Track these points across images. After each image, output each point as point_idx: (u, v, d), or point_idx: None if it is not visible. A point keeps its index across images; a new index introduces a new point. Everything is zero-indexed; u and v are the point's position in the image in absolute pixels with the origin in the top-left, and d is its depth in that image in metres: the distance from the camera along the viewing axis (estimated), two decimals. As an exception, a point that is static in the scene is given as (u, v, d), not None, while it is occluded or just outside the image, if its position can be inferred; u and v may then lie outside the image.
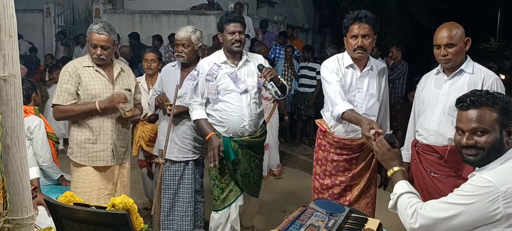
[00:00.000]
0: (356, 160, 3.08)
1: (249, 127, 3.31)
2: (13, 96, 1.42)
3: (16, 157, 1.44)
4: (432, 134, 2.78)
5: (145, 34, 10.45)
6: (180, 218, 3.62)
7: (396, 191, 2.03)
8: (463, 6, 13.04)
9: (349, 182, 3.10)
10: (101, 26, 3.14)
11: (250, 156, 3.41)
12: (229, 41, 3.24)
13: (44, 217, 2.77)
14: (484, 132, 1.89)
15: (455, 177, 2.67)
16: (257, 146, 3.48)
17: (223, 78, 3.27)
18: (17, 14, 1.43)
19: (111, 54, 3.24)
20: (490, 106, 1.89)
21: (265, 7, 12.44)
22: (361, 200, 3.09)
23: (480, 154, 1.92)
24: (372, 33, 2.97)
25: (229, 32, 3.23)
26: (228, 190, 3.39)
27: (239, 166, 3.37)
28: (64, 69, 3.19)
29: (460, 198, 1.79)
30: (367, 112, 3.03)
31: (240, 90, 3.26)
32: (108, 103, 3.09)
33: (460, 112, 1.96)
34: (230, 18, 3.26)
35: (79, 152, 3.20)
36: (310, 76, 7.90)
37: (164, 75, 3.69)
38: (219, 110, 3.30)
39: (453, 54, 2.71)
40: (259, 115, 3.42)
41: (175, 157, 3.55)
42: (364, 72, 3.06)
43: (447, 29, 2.73)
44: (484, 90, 1.99)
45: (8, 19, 1.38)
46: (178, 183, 3.60)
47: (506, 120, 1.88)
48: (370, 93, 3.06)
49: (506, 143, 1.88)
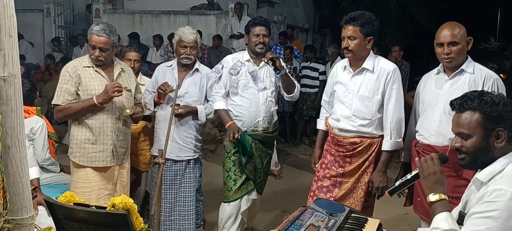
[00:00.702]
0: (350, 159, 3.06)
1: (263, 123, 3.54)
2: (13, 96, 1.42)
3: (16, 157, 1.44)
4: (432, 134, 2.77)
5: (145, 34, 10.44)
6: (182, 218, 3.62)
7: (439, 225, 1.85)
8: (463, 6, 13.04)
9: (339, 178, 3.09)
10: (101, 28, 3.13)
11: (262, 151, 3.62)
12: (253, 42, 3.50)
13: (44, 217, 2.77)
14: (468, 136, 1.89)
15: (455, 177, 2.67)
16: (269, 142, 3.69)
17: (244, 75, 3.52)
18: (17, 14, 1.43)
19: (111, 55, 3.23)
20: (475, 110, 1.88)
21: (265, 7, 12.43)
22: (346, 199, 3.05)
23: (466, 158, 1.92)
24: (361, 34, 2.92)
25: (254, 34, 3.50)
26: (241, 182, 3.54)
27: (252, 159, 3.58)
28: (64, 70, 3.19)
29: (490, 221, 1.72)
30: (355, 114, 3.00)
31: (258, 88, 3.51)
32: (104, 96, 3.08)
33: (453, 115, 1.98)
34: (256, 22, 3.55)
35: (78, 152, 3.20)
36: (312, 77, 7.89)
37: (159, 75, 3.65)
38: (237, 105, 3.53)
39: (456, 53, 2.71)
40: (273, 112, 3.65)
41: (176, 156, 3.55)
42: (356, 73, 3.02)
43: (450, 27, 2.73)
44: (474, 93, 1.95)
45: (8, 19, 1.38)
46: (179, 182, 3.60)
47: (491, 124, 1.86)
48: (360, 95, 2.99)
49: (494, 146, 1.86)
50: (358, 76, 3.02)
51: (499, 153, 1.87)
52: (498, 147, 1.86)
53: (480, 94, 1.92)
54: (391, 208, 4.32)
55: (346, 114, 3.03)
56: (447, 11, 11.73)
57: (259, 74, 3.53)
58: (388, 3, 10.97)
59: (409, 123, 3.09)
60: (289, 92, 3.58)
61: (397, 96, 2.98)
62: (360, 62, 3.01)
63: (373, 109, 2.99)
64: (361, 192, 3.04)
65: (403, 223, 4.48)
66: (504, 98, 1.91)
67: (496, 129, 1.85)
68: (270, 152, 3.76)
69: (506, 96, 2.01)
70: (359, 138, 3.02)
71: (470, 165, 1.94)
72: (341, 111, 3.06)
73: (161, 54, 9.47)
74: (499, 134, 1.86)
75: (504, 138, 1.86)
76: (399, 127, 2.99)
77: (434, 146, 2.75)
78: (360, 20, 2.92)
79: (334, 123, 3.11)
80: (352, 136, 3.03)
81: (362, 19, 2.93)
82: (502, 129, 1.85)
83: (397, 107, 2.98)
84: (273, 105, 3.62)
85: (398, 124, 2.99)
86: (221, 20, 10.19)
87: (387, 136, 2.99)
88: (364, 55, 3.00)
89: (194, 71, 3.59)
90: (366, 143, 3.01)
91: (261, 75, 3.55)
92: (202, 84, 3.60)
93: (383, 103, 3.00)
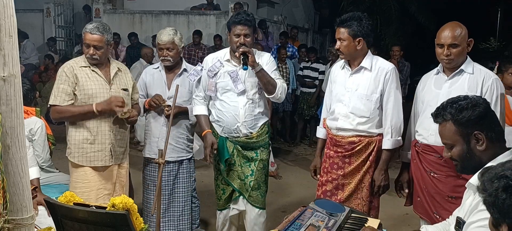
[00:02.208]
0: (349, 159, 3.07)
1: (244, 129, 3.26)
2: (13, 96, 1.42)
3: (16, 157, 1.44)
4: (432, 133, 2.77)
5: (145, 34, 10.45)
6: (177, 218, 3.62)
7: None
8: (463, 6, 13.04)
9: (341, 180, 3.09)
10: (95, 26, 3.14)
11: (248, 159, 3.33)
12: (234, 43, 3.20)
13: (44, 217, 2.77)
14: (451, 146, 1.92)
15: (455, 177, 2.67)
16: (255, 147, 3.34)
17: (223, 76, 3.27)
18: (17, 14, 1.43)
19: (106, 54, 3.22)
20: (447, 120, 1.91)
21: (265, 7, 12.43)
22: (351, 200, 3.06)
23: (458, 165, 1.96)
24: (349, 36, 2.94)
25: (235, 34, 3.19)
26: (230, 191, 3.40)
27: (234, 167, 3.33)
28: (61, 70, 3.20)
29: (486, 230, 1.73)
30: (353, 112, 3.01)
31: (237, 90, 3.24)
32: (105, 106, 3.10)
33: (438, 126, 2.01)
34: (236, 20, 3.19)
35: (77, 152, 3.20)
36: (313, 77, 7.91)
37: (147, 78, 3.63)
38: (216, 109, 3.32)
39: (456, 55, 2.71)
40: (257, 116, 3.31)
41: (169, 157, 3.53)
42: (354, 71, 3.04)
43: (451, 29, 2.73)
44: (445, 103, 1.98)
45: (8, 19, 1.38)
46: (173, 183, 3.60)
47: (466, 129, 1.87)
48: (359, 93, 3.00)
49: (477, 150, 1.86)
50: (357, 75, 3.04)
51: (486, 155, 1.87)
52: (481, 150, 1.87)
53: (452, 103, 1.95)
54: (391, 208, 4.32)
55: (344, 112, 3.04)
56: (447, 11, 11.73)
57: (239, 75, 3.24)
58: (388, 3, 10.97)
59: (408, 123, 3.10)
60: (269, 92, 3.23)
61: (396, 95, 3.00)
62: (358, 61, 3.03)
63: (372, 108, 2.99)
64: (366, 192, 3.05)
65: (403, 223, 4.48)
66: (474, 101, 1.92)
67: (473, 133, 1.87)
68: (260, 159, 3.34)
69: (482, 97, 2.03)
70: (358, 137, 3.03)
71: (463, 170, 1.97)
72: (339, 110, 3.07)
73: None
74: (478, 137, 1.87)
75: (483, 140, 1.86)
76: (399, 125, 3.02)
77: (434, 145, 2.75)
78: (348, 22, 2.95)
79: (332, 123, 3.12)
80: (350, 135, 3.04)
81: (350, 21, 2.95)
82: (479, 132, 1.87)
83: (396, 106, 2.99)
84: (256, 108, 3.28)
85: (398, 122, 3.01)
86: (221, 20, 10.19)
87: (388, 134, 3.00)
88: (357, 55, 3.02)
89: (182, 71, 3.57)
90: (364, 142, 3.02)
91: (242, 76, 3.24)
92: (191, 84, 3.53)
93: (381, 102, 3.01)
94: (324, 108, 3.33)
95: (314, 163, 3.37)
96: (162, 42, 3.46)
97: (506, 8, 15.31)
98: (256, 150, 3.34)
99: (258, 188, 3.37)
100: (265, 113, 3.39)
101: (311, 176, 3.40)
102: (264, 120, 3.37)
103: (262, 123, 3.35)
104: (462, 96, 2.00)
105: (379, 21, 10.61)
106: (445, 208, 2.69)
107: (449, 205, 2.67)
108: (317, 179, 3.31)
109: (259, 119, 3.33)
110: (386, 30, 10.77)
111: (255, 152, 3.34)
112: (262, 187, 3.40)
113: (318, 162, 3.31)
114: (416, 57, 11.52)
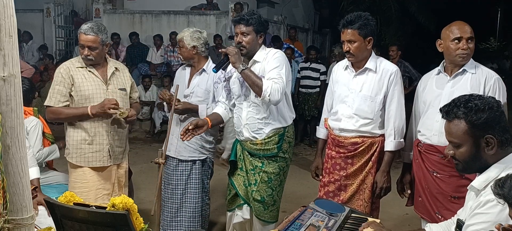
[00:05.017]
0: (351, 160, 3.06)
1: (246, 132, 3.17)
2: (13, 96, 1.42)
3: (16, 157, 1.44)
4: (435, 133, 2.76)
5: (145, 34, 10.45)
6: (188, 219, 3.59)
7: None
8: (463, 6, 13.05)
9: (344, 181, 3.08)
10: (89, 26, 3.13)
11: (254, 166, 3.20)
12: (236, 43, 3.14)
13: (44, 217, 2.77)
14: (459, 145, 1.86)
15: (458, 177, 2.66)
16: (260, 156, 3.18)
17: (234, 82, 3.24)
18: (17, 14, 1.43)
19: (101, 54, 3.19)
20: (461, 119, 1.84)
21: (265, 7, 12.43)
22: (354, 201, 3.06)
23: (459, 165, 1.91)
24: (360, 37, 2.91)
25: (235, 33, 3.16)
26: (233, 192, 3.33)
27: (241, 172, 3.28)
28: (57, 71, 3.20)
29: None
30: (357, 113, 3.00)
31: (241, 93, 3.18)
32: (99, 109, 3.09)
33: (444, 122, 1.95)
34: (235, 19, 3.16)
35: (75, 153, 3.20)
36: (313, 77, 7.90)
37: (177, 76, 3.76)
38: (234, 112, 3.34)
39: (472, 50, 2.70)
40: (262, 121, 3.13)
41: (182, 155, 3.53)
42: (359, 73, 3.02)
43: (465, 24, 2.70)
44: (460, 100, 1.91)
45: (8, 19, 1.38)
46: (185, 183, 3.58)
47: (479, 131, 1.81)
48: (363, 94, 2.99)
49: (485, 153, 1.82)
50: (361, 76, 3.02)
51: (492, 159, 1.84)
52: (490, 154, 1.83)
53: (465, 101, 1.87)
54: (391, 208, 4.32)
55: (347, 113, 3.03)
56: (447, 11, 11.73)
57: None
58: (388, 3, 10.97)
59: (409, 123, 3.09)
60: (256, 94, 3.00)
61: (399, 97, 3.00)
62: (363, 63, 3.01)
63: (375, 109, 2.99)
64: (368, 193, 3.04)
65: (403, 223, 4.47)
66: (490, 103, 1.86)
67: (484, 136, 1.82)
68: (268, 170, 3.17)
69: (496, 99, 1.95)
70: (361, 137, 3.02)
71: (465, 171, 1.93)
72: (342, 111, 3.06)
73: (161, 54, 9.46)
74: (489, 141, 1.82)
75: (494, 144, 1.82)
76: (402, 127, 3.01)
77: (437, 145, 2.75)
78: (357, 23, 2.90)
79: (335, 124, 3.11)
80: (353, 136, 3.03)
81: (359, 21, 2.91)
82: (491, 136, 1.81)
83: (399, 108, 2.99)
84: (260, 113, 3.11)
85: (401, 124, 3.00)
86: (221, 20, 10.20)
87: (390, 136, 2.99)
88: (366, 56, 3.00)
89: (202, 71, 3.57)
90: (367, 142, 3.01)
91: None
92: (209, 85, 3.53)
93: (384, 103, 3.00)
94: (325, 108, 3.32)
95: (315, 163, 3.36)
96: (177, 39, 3.60)
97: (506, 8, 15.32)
98: (262, 160, 3.18)
99: (261, 201, 3.20)
100: (277, 120, 3.15)
101: (312, 177, 3.39)
102: (272, 127, 3.14)
103: (270, 129, 3.14)
104: (476, 95, 1.94)
105: (379, 21, 10.61)
106: (447, 208, 2.68)
107: (452, 205, 2.66)
108: (318, 179, 3.30)
109: (265, 124, 3.14)
110: (386, 30, 10.77)
111: (261, 161, 3.19)
112: (266, 201, 3.21)
113: (319, 162, 3.30)
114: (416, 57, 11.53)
